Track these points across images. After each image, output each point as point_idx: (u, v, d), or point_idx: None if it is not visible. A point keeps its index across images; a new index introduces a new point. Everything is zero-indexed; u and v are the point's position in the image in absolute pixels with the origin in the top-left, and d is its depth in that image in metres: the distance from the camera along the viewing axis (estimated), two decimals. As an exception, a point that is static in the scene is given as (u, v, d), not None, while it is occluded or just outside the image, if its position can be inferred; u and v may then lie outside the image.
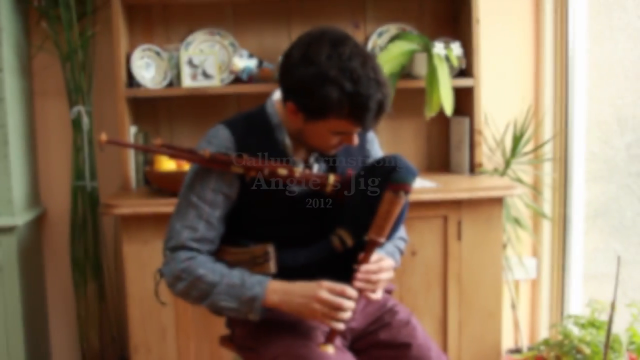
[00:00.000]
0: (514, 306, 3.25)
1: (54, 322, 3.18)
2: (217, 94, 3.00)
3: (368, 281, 1.76)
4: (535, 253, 3.39)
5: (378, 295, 1.80)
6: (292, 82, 1.72)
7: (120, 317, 3.11)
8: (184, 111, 3.07)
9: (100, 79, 3.03)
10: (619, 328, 2.61)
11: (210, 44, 3.02)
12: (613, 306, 2.29)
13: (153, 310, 2.65)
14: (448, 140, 3.23)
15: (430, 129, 3.22)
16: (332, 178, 1.84)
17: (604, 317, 2.70)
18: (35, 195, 3.05)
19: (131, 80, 2.90)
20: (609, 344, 2.37)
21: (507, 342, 3.31)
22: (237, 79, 3.03)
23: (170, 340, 2.68)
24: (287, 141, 1.84)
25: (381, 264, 1.78)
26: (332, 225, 1.84)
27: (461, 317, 2.81)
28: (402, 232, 2.06)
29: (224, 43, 3.03)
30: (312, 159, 1.90)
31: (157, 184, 2.69)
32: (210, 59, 2.95)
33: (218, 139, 1.81)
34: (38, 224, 3.08)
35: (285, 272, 1.80)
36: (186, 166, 2.68)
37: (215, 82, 2.94)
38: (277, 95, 1.88)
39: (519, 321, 3.28)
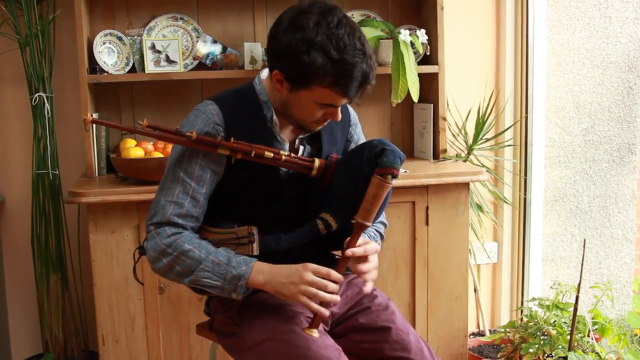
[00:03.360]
0: (476, 290, 3.32)
1: (13, 314, 3.11)
2: (180, 80, 2.98)
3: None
4: (496, 238, 3.47)
5: (367, 288, 1.82)
6: (279, 47, 1.73)
7: (84, 308, 3.07)
8: (146, 97, 3.04)
9: (61, 64, 2.97)
10: (581, 310, 2.70)
11: (174, 29, 3.00)
12: (579, 288, 2.36)
13: (121, 301, 2.63)
14: (412, 127, 3.27)
15: (394, 115, 3.26)
16: (318, 162, 1.86)
17: (566, 299, 2.79)
18: (-8, 184, 2.99)
19: (92, 66, 2.85)
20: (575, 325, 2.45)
21: (469, 326, 3.38)
22: (200, 65, 3.01)
23: (139, 331, 2.66)
24: (275, 118, 1.85)
25: (367, 247, 1.81)
26: (316, 209, 1.87)
27: (429, 301, 2.87)
28: (382, 216, 2.09)
29: (188, 28, 3.01)
30: (297, 142, 1.92)
31: (124, 172, 2.66)
32: (174, 45, 2.93)
33: (207, 114, 1.81)
34: (-4, 214, 3.02)
35: (268, 256, 1.82)
36: (155, 153, 2.66)
37: (179, 67, 2.92)
38: (264, 73, 1.89)
39: (481, 305, 3.36)
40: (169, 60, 2.92)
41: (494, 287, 3.51)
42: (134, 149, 2.65)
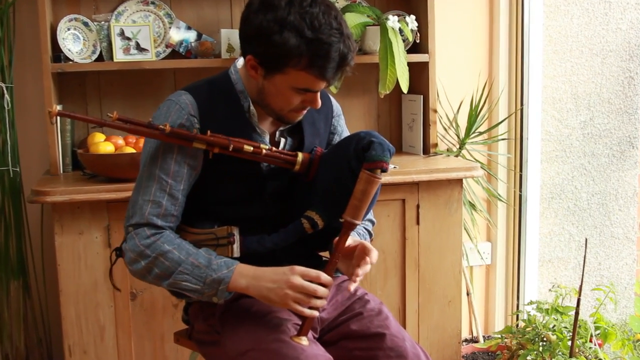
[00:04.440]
0: (468, 294, 3.33)
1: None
2: (152, 69, 2.95)
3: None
4: (490, 238, 3.48)
5: (353, 286, 1.81)
6: (250, 29, 1.73)
7: (48, 317, 3.03)
8: (115, 88, 3.00)
9: (22, 52, 2.93)
10: (582, 313, 2.71)
11: (144, 15, 2.96)
12: (580, 290, 2.37)
13: (89, 308, 2.60)
14: (400, 119, 3.27)
15: (381, 107, 3.26)
16: (301, 156, 1.85)
17: (565, 303, 2.80)
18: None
19: (56, 54, 2.81)
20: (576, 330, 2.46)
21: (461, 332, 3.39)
22: (174, 53, 2.98)
23: (109, 340, 2.63)
24: (252, 108, 1.84)
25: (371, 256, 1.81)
26: (301, 207, 1.86)
27: (420, 306, 2.87)
28: (370, 214, 2.08)
29: (159, 14, 2.97)
30: (278, 134, 1.90)
31: (92, 169, 2.62)
32: (144, 31, 2.90)
33: (180, 104, 1.79)
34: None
35: (250, 258, 1.80)
36: (126, 149, 2.62)
37: (150, 56, 2.89)
38: (240, 62, 1.88)
39: (474, 310, 3.36)
40: (140, 48, 2.89)
41: (488, 290, 3.52)
42: (103, 144, 2.62)
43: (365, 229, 2.04)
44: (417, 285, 2.86)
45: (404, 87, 2.89)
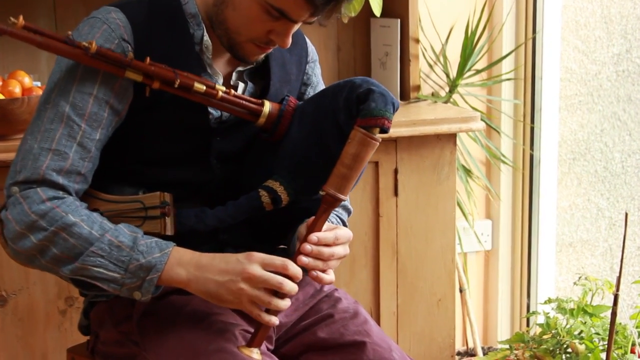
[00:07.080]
0: (462, 290, 3.39)
1: None
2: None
3: (319, 256, 1.78)
4: (490, 214, 3.55)
5: (331, 277, 1.83)
6: None
7: None
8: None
9: None
10: (620, 315, 2.78)
11: None
12: (618, 283, 2.40)
13: (-59, 316, 2.61)
14: (368, 53, 3.30)
15: (342, 35, 3.28)
16: (269, 106, 1.87)
17: (596, 301, 2.86)
18: None
19: None
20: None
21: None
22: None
23: (-30, 361, 2.65)
24: (207, 39, 1.85)
25: (338, 233, 1.82)
26: (261, 175, 1.88)
27: (399, 307, 2.93)
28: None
29: None
30: (235, 75, 1.92)
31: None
32: None
33: (109, 24, 1.78)
34: None
35: (186, 239, 1.81)
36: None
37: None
38: None
39: (470, 312, 3.43)
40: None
41: (487, 286, 3.59)
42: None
43: (339, 217, 2.07)
44: (395, 278, 2.91)
45: (376, 9, 2.92)
